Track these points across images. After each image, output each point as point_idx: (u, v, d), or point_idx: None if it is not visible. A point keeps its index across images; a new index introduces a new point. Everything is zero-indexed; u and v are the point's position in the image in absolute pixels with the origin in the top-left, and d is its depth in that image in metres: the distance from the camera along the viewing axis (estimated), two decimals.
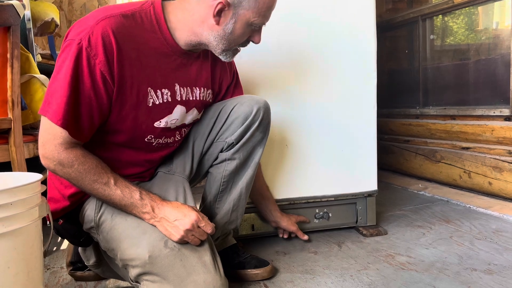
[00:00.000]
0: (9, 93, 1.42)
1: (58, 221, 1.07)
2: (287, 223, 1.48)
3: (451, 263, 1.29)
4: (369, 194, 1.60)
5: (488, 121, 2.02)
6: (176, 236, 0.96)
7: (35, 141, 1.63)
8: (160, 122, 1.03)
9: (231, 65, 1.24)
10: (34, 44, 1.91)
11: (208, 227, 0.99)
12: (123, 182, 0.98)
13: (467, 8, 2.30)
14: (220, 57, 1.04)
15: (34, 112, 1.65)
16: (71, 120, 0.90)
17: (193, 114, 1.12)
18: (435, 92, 2.49)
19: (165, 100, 1.02)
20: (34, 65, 1.67)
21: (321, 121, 1.52)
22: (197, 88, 1.10)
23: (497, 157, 1.95)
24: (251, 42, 1.06)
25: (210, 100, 1.17)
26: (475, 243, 1.45)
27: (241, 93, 1.27)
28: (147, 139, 1.05)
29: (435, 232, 1.59)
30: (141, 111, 0.99)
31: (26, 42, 1.83)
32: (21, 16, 1.45)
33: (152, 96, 0.99)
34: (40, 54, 2.25)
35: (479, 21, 2.35)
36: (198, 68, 1.09)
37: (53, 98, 0.89)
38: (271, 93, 1.45)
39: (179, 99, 1.05)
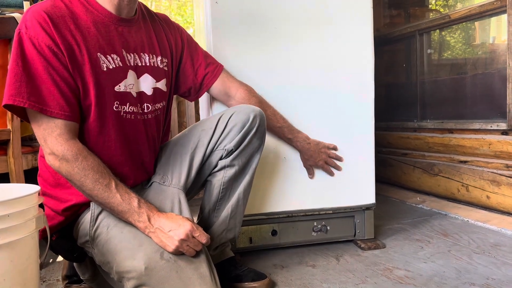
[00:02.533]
0: None
1: (52, 237, 1.07)
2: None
3: (449, 277, 1.29)
4: (367, 207, 1.60)
5: (486, 135, 2.03)
6: (171, 246, 0.96)
7: (34, 152, 1.63)
8: (119, 86, 1.05)
9: (175, 29, 1.25)
10: None
11: (202, 237, 0.99)
12: (124, 187, 0.99)
13: (463, 23, 2.33)
14: None
15: None
16: (37, 97, 0.92)
17: (148, 81, 1.11)
18: (432, 105, 2.51)
19: (117, 65, 1.04)
20: None
21: (318, 134, 1.52)
22: (145, 54, 1.11)
23: (495, 171, 1.95)
24: None
25: (166, 68, 1.17)
26: (473, 257, 1.45)
27: (200, 57, 1.27)
28: (115, 107, 1.04)
29: (433, 246, 1.58)
30: (99, 76, 1.01)
31: None
32: None
33: (104, 61, 1.02)
34: None
35: (476, 36, 2.38)
36: (142, 35, 1.12)
37: (11, 86, 0.92)
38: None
39: (129, 65, 1.07)
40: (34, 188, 0.91)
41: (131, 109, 1.08)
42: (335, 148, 1.52)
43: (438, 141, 2.33)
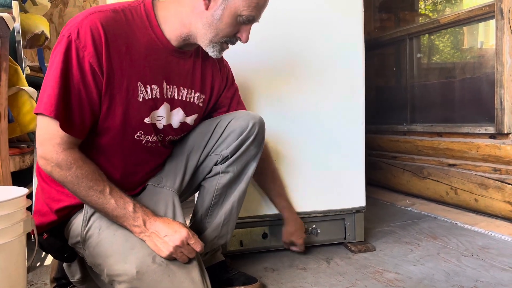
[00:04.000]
0: None
1: (43, 235, 1.05)
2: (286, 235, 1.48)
3: (438, 280, 1.30)
4: (358, 210, 1.61)
5: (474, 139, 2.05)
6: (165, 252, 0.95)
7: (21, 154, 1.61)
8: (149, 118, 1.03)
9: (225, 69, 1.23)
10: (23, 56, 1.90)
11: (197, 245, 0.98)
12: (118, 192, 0.97)
13: (452, 28, 2.36)
14: (208, 50, 1.03)
15: (21, 124, 1.63)
16: (62, 111, 0.90)
17: (179, 115, 1.10)
18: (422, 109, 2.53)
19: (154, 96, 1.02)
20: (23, 77, 1.66)
21: (309, 137, 1.53)
22: (185, 88, 1.09)
23: (483, 174, 1.97)
24: (239, 42, 1.05)
25: (201, 104, 1.15)
26: (462, 259, 1.46)
27: (238, 102, 1.25)
28: (137, 136, 1.03)
29: (422, 248, 1.59)
30: (131, 105, 0.98)
31: (15, 55, 1.82)
32: (11, 29, 1.45)
33: (142, 91, 0.99)
34: (29, 66, 2.24)
35: (464, 40, 2.41)
36: (188, 69, 1.09)
37: (45, 93, 0.90)
38: (259, 109, 1.46)
39: (166, 97, 1.05)
40: (21, 190, 0.90)
41: (154, 139, 1.07)
42: None
43: (427, 145, 2.35)
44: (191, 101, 1.12)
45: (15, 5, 1.77)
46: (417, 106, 2.56)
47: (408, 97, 2.61)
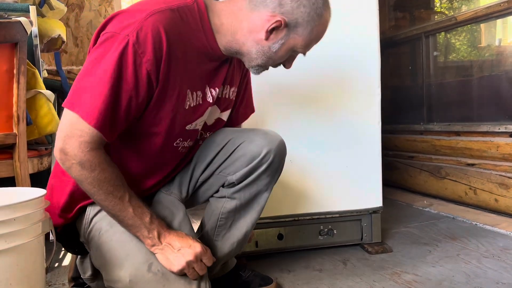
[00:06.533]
0: (14, 108, 1.42)
1: (57, 229, 1.05)
2: None
3: (458, 281, 1.27)
4: (374, 211, 1.58)
5: (493, 138, 2.01)
6: (177, 266, 0.92)
7: (39, 156, 1.63)
8: (191, 125, 1.00)
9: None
10: (40, 60, 1.93)
11: (210, 261, 0.97)
12: (137, 201, 0.93)
13: (469, 25, 2.32)
14: (251, 70, 1.02)
15: (39, 127, 1.65)
16: (107, 122, 0.84)
17: (214, 111, 1.07)
18: (439, 108, 2.49)
19: (197, 103, 0.99)
20: (40, 80, 1.68)
21: (325, 137, 1.51)
22: (225, 85, 1.07)
23: (503, 173, 1.93)
24: (280, 66, 1.04)
25: (233, 98, 1.13)
26: (483, 261, 1.43)
27: (250, 94, 1.25)
28: (175, 143, 1.00)
29: (441, 249, 1.56)
30: (179, 113, 0.95)
31: (32, 58, 1.84)
32: (29, 33, 1.47)
33: (189, 98, 0.96)
34: (46, 70, 2.26)
35: (481, 38, 2.37)
36: (227, 70, 1.06)
37: (87, 94, 0.83)
38: (276, 108, 1.45)
39: (208, 101, 1.02)
40: (40, 191, 0.91)
41: (190, 144, 1.05)
42: None
43: (445, 144, 2.31)
44: (227, 96, 1.09)
45: (33, 10, 1.80)
46: (434, 105, 2.52)
47: (425, 96, 2.57)
